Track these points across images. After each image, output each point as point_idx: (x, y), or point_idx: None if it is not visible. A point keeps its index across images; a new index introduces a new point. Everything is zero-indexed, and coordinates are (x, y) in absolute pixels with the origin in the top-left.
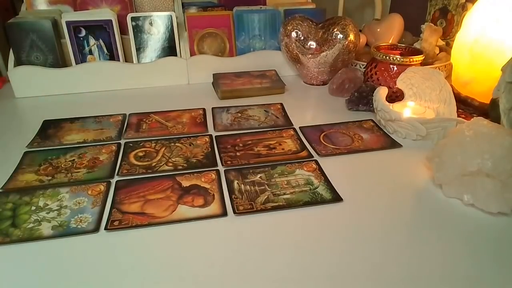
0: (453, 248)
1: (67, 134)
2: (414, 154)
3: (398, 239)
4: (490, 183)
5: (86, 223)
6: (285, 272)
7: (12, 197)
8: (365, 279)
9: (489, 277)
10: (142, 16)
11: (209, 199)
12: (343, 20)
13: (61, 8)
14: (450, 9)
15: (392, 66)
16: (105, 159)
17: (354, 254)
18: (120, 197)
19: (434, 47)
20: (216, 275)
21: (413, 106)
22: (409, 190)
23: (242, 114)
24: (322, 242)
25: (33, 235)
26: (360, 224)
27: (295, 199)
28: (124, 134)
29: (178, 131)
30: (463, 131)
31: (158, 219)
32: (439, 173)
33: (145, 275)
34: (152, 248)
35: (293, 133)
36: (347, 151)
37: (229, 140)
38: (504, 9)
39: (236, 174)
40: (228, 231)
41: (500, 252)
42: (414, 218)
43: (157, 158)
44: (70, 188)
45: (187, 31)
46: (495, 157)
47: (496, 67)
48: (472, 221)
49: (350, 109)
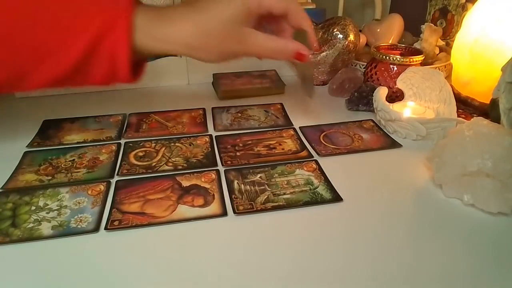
0: (453, 248)
1: (67, 134)
2: (414, 154)
3: (398, 239)
4: (490, 183)
5: (86, 223)
6: (285, 271)
7: (12, 197)
8: (365, 279)
9: (489, 277)
10: None
11: (209, 199)
12: (343, 20)
13: None
14: (450, 9)
15: (392, 66)
16: (105, 159)
17: (354, 254)
18: (120, 197)
19: (434, 47)
20: (216, 275)
21: (413, 106)
22: (409, 190)
23: (242, 114)
24: (322, 242)
25: (33, 235)
26: (360, 224)
27: (295, 199)
28: (124, 134)
29: (178, 131)
30: (463, 131)
31: (158, 219)
32: (439, 173)
33: (145, 275)
34: (152, 248)
35: (293, 133)
36: (347, 151)
37: (229, 140)
38: (504, 9)
39: (236, 174)
40: (228, 231)
41: (500, 252)
42: (414, 218)
43: (157, 158)
44: (70, 188)
45: None
46: (495, 157)
47: (496, 67)
48: (472, 221)
49: (350, 109)
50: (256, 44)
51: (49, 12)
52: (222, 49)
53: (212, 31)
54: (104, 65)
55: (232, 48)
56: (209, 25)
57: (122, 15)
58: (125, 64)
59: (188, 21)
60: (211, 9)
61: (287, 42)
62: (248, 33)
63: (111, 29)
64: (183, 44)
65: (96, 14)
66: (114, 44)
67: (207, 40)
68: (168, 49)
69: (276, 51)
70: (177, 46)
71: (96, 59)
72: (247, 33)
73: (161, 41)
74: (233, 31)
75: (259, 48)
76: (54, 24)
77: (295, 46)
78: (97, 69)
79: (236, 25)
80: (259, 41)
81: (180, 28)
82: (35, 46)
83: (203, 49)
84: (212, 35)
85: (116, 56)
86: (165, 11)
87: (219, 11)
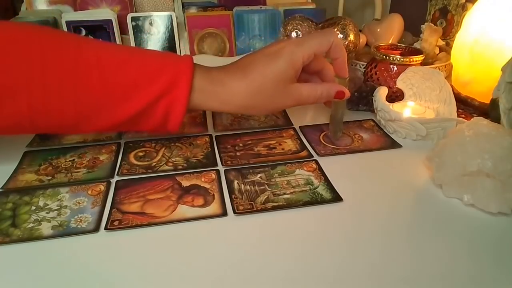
0: (453, 248)
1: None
2: (414, 154)
3: (398, 239)
4: (490, 183)
5: (86, 223)
6: (285, 271)
7: (12, 197)
8: (365, 279)
9: (489, 277)
10: (142, 16)
11: (209, 199)
12: (343, 20)
13: (61, 8)
14: (450, 9)
15: (392, 66)
16: (105, 159)
17: (354, 254)
18: (120, 197)
19: (434, 47)
20: (216, 275)
21: (413, 106)
22: (409, 190)
23: (242, 114)
24: (322, 241)
25: (33, 235)
26: (360, 223)
27: (295, 199)
28: (124, 134)
29: (178, 131)
30: (463, 131)
31: (158, 219)
32: (439, 173)
33: (145, 275)
34: (152, 248)
35: (293, 133)
36: (346, 151)
37: (229, 140)
38: (504, 9)
39: (236, 174)
40: (228, 231)
41: (500, 252)
42: (414, 218)
43: (157, 158)
44: (70, 188)
45: (187, 31)
46: (495, 157)
47: (496, 67)
48: (472, 221)
49: (350, 109)
50: (302, 96)
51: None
52: (271, 105)
53: (262, 90)
54: (159, 119)
55: (281, 103)
56: (259, 85)
57: (183, 76)
58: (178, 120)
59: (240, 83)
60: (259, 68)
61: (329, 88)
62: (294, 88)
63: (173, 88)
64: (236, 105)
65: (162, 71)
66: (173, 102)
67: (258, 98)
68: (222, 110)
69: (321, 98)
70: (231, 106)
71: (153, 113)
72: (294, 88)
73: (215, 102)
74: (282, 87)
75: (306, 100)
76: (121, 75)
77: (337, 88)
78: (151, 121)
79: (284, 82)
80: (304, 93)
81: (233, 92)
82: (105, 93)
83: (255, 107)
84: (262, 93)
85: (172, 113)
86: (216, 74)
87: (268, 70)
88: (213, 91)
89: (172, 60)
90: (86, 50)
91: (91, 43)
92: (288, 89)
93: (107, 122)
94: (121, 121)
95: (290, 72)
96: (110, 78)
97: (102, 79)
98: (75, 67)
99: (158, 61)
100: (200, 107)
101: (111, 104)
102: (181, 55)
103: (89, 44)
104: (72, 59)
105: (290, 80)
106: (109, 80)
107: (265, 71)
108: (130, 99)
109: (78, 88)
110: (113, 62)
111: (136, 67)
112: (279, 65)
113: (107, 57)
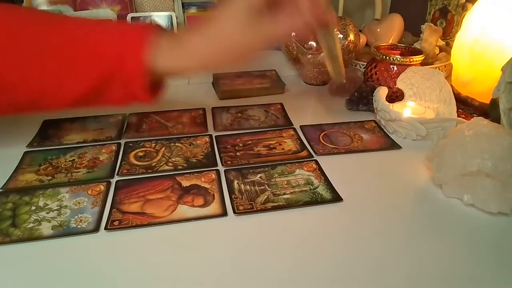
0: (453, 248)
1: (67, 134)
2: (414, 154)
3: (398, 239)
4: (490, 183)
5: (86, 223)
6: (285, 271)
7: (12, 197)
8: (365, 278)
9: (489, 277)
10: (142, 16)
11: (209, 199)
12: (343, 20)
13: (61, 8)
14: (450, 9)
15: (392, 66)
16: (105, 159)
17: (354, 254)
18: (120, 197)
19: (434, 47)
20: (216, 275)
21: (413, 106)
22: (409, 190)
23: (242, 114)
24: (322, 241)
25: (33, 235)
26: (360, 224)
27: (295, 199)
28: (124, 134)
29: (178, 131)
30: (463, 131)
31: (158, 219)
32: (439, 173)
33: (145, 274)
34: (152, 248)
35: (293, 133)
36: (345, 151)
37: (229, 140)
38: (504, 9)
39: (236, 174)
40: (228, 231)
41: (500, 252)
42: (414, 218)
43: (157, 158)
44: (70, 188)
45: None
46: (495, 157)
47: (496, 67)
48: (472, 221)
49: (350, 109)
50: (275, 25)
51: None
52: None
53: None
54: (122, 86)
55: (251, 40)
56: (220, 29)
57: (141, 38)
58: (142, 85)
59: (205, 31)
60: (217, 17)
61: (306, 11)
62: (265, 21)
63: (126, 53)
64: (206, 54)
65: (121, 38)
66: (132, 64)
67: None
68: (195, 65)
69: (297, 24)
70: (201, 57)
71: (114, 81)
72: (264, 21)
73: (183, 59)
74: (249, 20)
75: (281, 29)
76: (78, 47)
77: (318, 10)
78: (116, 90)
79: (249, 15)
80: (278, 23)
81: (195, 43)
82: (60, 66)
83: (226, 53)
84: (230, 35)
85: (134, 78)
86: (179, 33)
87: (224, 13)
88: (177, 47)
89: (131, 27)
90: (55, 23)
91: (59, 17)
92: (258, 22)
93: (71, 93)
94: (85, 92)
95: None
96: (72, 48)
97: (65, 49)
98: (41, 38)
99: (118, 30)
100: (171, 70)
101: (74, 73)
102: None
103: (57, 18)
104: (38, 30)
105: (256, 11)
106: (72, 50)
107: (222, 14)
108: (91, 68)
109: (44, 57)
110: (77, 33)
111: (96, 38)
112: (236, 3)
113: (74, 28)
